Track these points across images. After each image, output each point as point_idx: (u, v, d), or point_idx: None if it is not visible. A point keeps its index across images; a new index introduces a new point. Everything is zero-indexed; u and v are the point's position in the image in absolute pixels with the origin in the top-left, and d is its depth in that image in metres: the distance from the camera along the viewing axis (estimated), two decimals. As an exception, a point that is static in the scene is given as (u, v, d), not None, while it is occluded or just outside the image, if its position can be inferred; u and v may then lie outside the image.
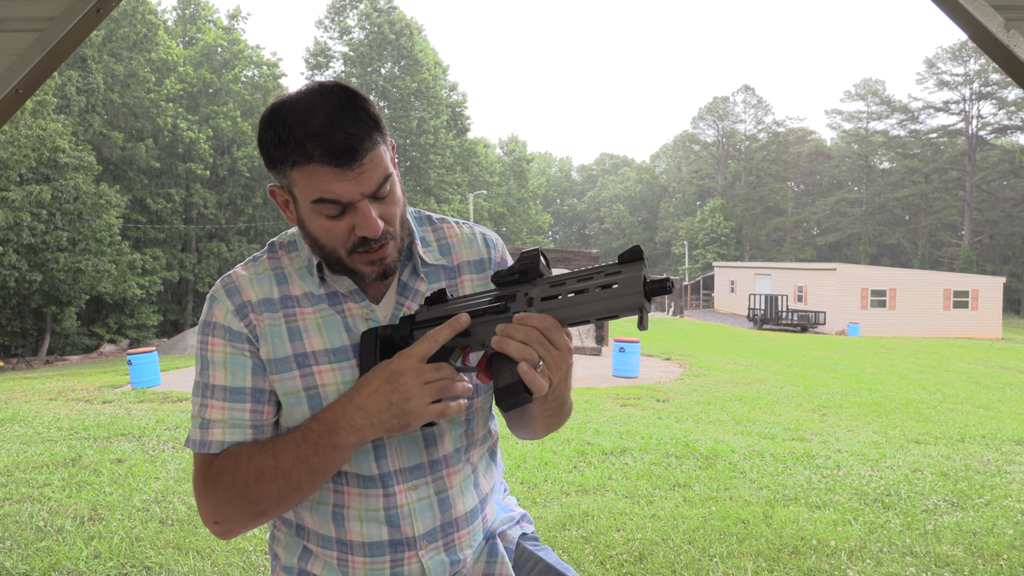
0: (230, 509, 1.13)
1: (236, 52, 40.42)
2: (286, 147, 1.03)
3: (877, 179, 66.66)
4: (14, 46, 2.24)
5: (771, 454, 6.23)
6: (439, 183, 48.50)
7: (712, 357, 16.28)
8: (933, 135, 62.73)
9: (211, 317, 1.18)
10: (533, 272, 1.07)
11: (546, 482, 5.15)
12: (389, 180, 1.09)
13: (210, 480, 1.15)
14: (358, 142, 1.02)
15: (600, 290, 0.99)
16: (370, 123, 1.05)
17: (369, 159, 1.04)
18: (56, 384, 12.31)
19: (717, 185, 72.20)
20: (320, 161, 1.02)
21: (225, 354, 1.16)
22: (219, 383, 1.16)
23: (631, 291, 0.96)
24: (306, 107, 1.03)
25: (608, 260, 46.75)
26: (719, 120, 73.45)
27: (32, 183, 26.00)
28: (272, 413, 1.18)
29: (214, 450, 1.16)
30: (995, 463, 6.16)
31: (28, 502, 4.59)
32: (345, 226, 1.08)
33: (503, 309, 1.07)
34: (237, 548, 3.76)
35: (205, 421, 1.16)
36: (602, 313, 0.99)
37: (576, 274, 1.03)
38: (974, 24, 1.98)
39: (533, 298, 1.05)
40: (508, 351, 1.01)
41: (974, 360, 19.53)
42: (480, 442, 1.30)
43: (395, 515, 1.19)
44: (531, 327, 1.01)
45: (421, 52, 48.93)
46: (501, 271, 1.08)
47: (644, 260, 0.98)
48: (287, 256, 1.23)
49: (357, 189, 1.05)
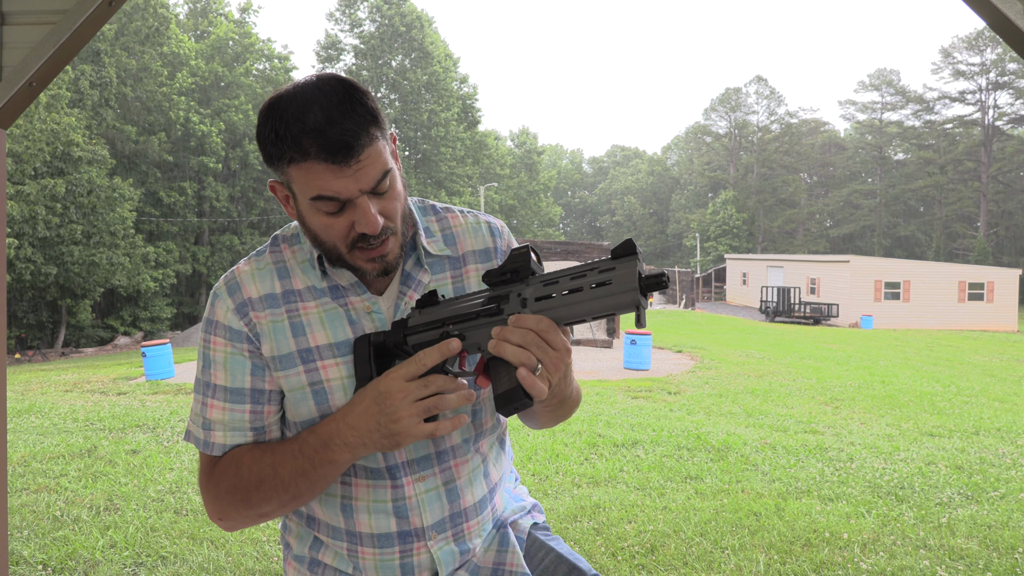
0: (233, 511, 1.15)
1: (247, 45, 40.53)
2: (283, 144, 1.01)
3: (891, 170, 66.04)
4: (27, 39, 2.25)
5: (783, 446, 6.21)
6: (450, 176, 48.49)
7: (724, 350, 16.23)
8: (948, 125, 62.02)
9: (213, 315, 1.18)
10: (524, 271, 1.04)
11: (557, 474, 5.16)
12: (388, 175, 1.06)
13: (213, 481, 1.17)
14: (355, 138, 1.00)
15: (595, 288, 0.97)
16: (368, 117, 1.02)
17: (367, 155, 1.02)
18: (71, 376, 12.44)
19: (729, 177, 71.76)
20: (317, 158, 1.00)
21: (226, 354, 1.16)
22: (220, 383, 1.17)
23: (626, 288, 0.94)
24: (303, 102, 1.01)
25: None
26: (731, 111, 72.92)
27: (46, 177, 26.22)
28: (273, 412, 1.18)
29: (216, 452, 1.17)
30: (1010, 456, 6.11)
31: (45, 492, 4.64)
32: (344, 223, 1.07)
33: (496, 311, 1.05)
34: (251, 538, 3.79)
35: (207, 421, 1.17)
36: (598, 312, 0.97)
37: (569, 271, 1.01)
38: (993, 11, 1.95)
39: (527, 299, 1.03)
40: (505, 355, 0.99)
41: (989, 353, 19.36)
42: (489, 431, 1.29)
43: (403, 506, 1.19)
44: (527, 329, 0.98)
45: (432, 44, 48.84)
46: (492, 271, 1.06)
47: (638, 254, 0.95)
48: (290, 249, 1.22)
49: (355, 186, 1.03)
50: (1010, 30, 1.96)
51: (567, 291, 1.00)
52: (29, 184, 25.22)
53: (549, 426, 1.30)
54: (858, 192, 66.30)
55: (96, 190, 27.40)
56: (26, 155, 25.12)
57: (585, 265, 1.00)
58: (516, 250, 1.06)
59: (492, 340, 1.01)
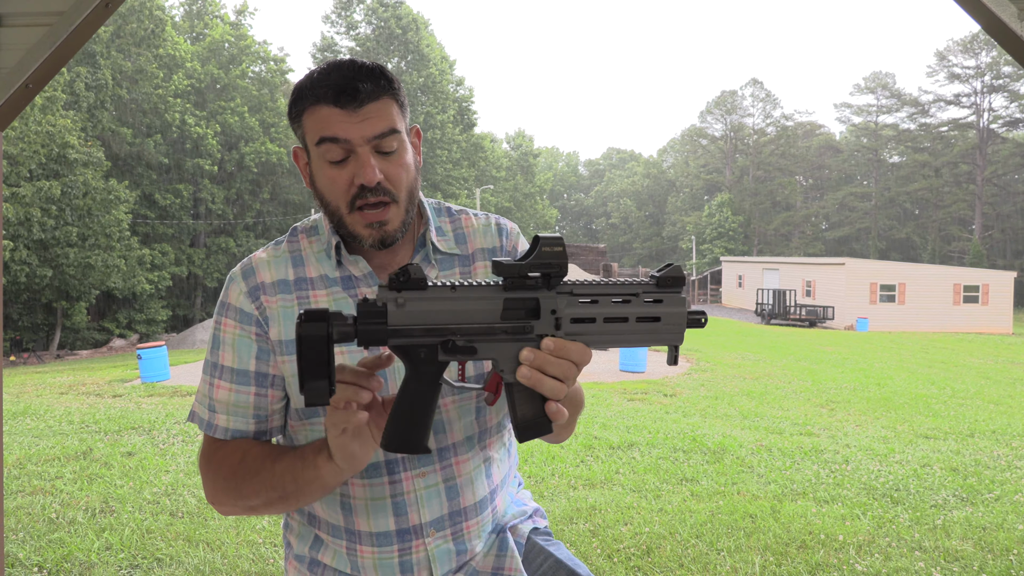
0: (225, 497, 1.17)
1: (243, 48, 40.47)
2: (303, 98, 1.11)
3: (887, 173, 66.20)
4: (23, 41, 2.25)
5: (779, 449, 6.22)
6: (446, 178, 48.48)
7: (720, 352, 16.25)
8: (944, 128, 62.21)
9: (227, 298, 1.22)
10: (558, 277, 0.89)
11: (553, 476, 5.16)
12: (396, 136, 1.12)
13: (212, 466, 1.18)
14: (363, 89, 1.08)
15: (639, 322, 0.90)
16: (383, 82, 1.10)
17: (375, 108, 1.09)
18: (67, 378, 12.40)
19: (725, 179, 71.87)
20: (325, 101, 1.08)
21: (235, 335, 1.20)
22: (227, 364, 1.20)
23: (674, 329, 0.89)
24: (328, 66, 1.11)
25: (616, 256, 46.19)
26: (727, 114, 73.06)
27: (42, 179, 26.13)
28: (277, 398, 1.20)
29: (219, 435, 1.19)
30: (1005, 458, 6.13)
31: (40, 494, 4.63)
32: (347, 176, 1.11)
33: (526, 329, 0.90)
34: (246, 540, 3.79)
35: (212, 402, 1.20)
36: (636, 344, 0.92)
37: (611, 289, 0.91)
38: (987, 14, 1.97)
39: (561, 318, 0.90)
40: (542, 390, 0.91)
41: (984, 355, 19.42)
42: (495, 430, 1.29)
43: (402, 502, 1.20)
44: (570, 363, 0.91)
45: (428, 47, 48.86)
46: (510, 264, 0.89)
47: (685, 285, 0.91)
48: (307, 239, 1.26)
49: (358, 132, 1.08)
50: (1004, 33, 1.97)
51: (608, 318, 0.91)
52: (24, 186, 25.13)
53: (560, 440, 1.25)
54: (853, 195, 66.46)
55: (91, 192, 27.31)
56: (21, 157, 25.04)
57: (627, 284, 0.92)
58: (548, 244, 0.89)
59: (524, 369, 0.90)
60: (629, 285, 0.92)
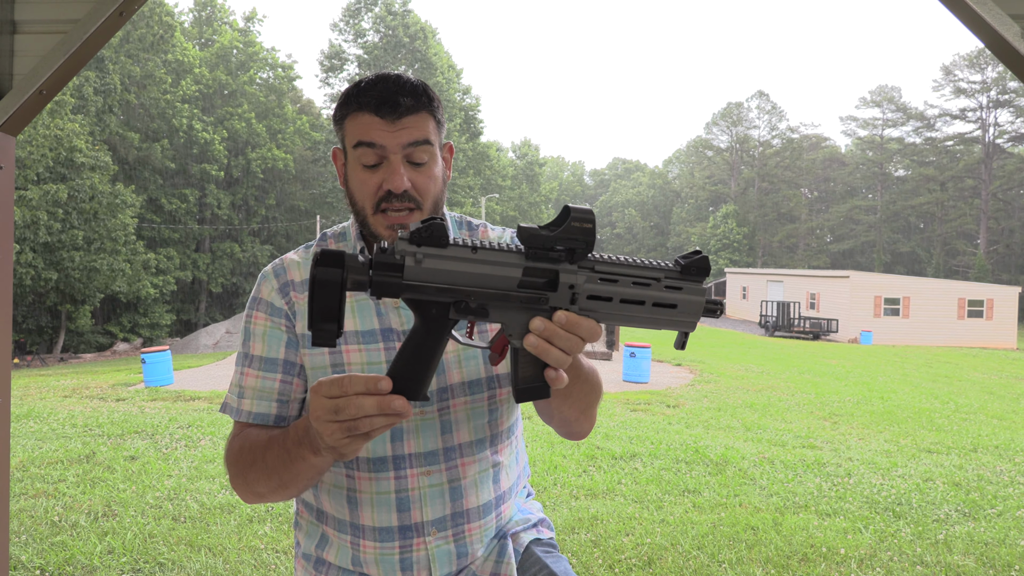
0: (237, 483, 1.22)
1: (251, 54, 40.73)
2: (347, 103, 1.19)
3: (892, 186, 66.17)
4: (38, 48, 2.28)
5: (781, 461, 6.21)
6: (451, 186, 48.41)
7: (723, 363, 16.22)
8: (949, 143, 62.18)
9: (259, 293, 1.29)
10: (583, 252, 0.88)
11: (555, 486, 5.16)
12: (428, 148, 1.18)
13: (232, 452, 1.23)
14: (404, 102, 1.16)
15: (655, 306, 0.89)
16: (423, 99, 1.18)
17: (412, 121, 1.17)
18: (70, 382, 12.43)
19: (730, 191, 71.90)
20: (367, 109, 1.17)
21: (265, 327, 1.26)
22: (257, 353, 1.26)
23: (690, 316, 0.89)
24: (375, 78, 1.19)
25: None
26: (733, 126, 73.14)
27: (49, 182, 26.29)
28: (300, 387, 1.25)
29: (243, 418, 1.24)
30: (1008, 473, 6.11)
31: (43, 497, 4.64)
32: (377, 180, 1.18)
33: (541, 300, 0.89)
34: (248, 546, 3.79)
35: (242, 389, 1.25)
36: (649, 326, 0.90)
37: (632, 270, 0.90)
38: (990, 32, 1.98)
39: (578, 293, 0.89)
40: (547, 359, 0.91)
41: (988, 370, 19.34)
42: (506, 435, 1.31)
43: (406, 498, 1.22)
44: (577, 338, 0.91)
45: (435, 55, 49.06)
46: (540, 235, 0.87)
47: (709, 275, 0.89)
48: (336, 244, 1.33)
49: (393, 139, 1.16)
50: (1008, 52, 1.98)
51: (625, 299, 0.90)
52: (31, 189, 25.28)
53: (571, 415, 1.19)
54: (858, 208, 66.41)
55: (98, 196, 27.46)
56: (29, 160, 25.21)
57: (650, 268, 0.91)
58: (578, 218, 0.87)
59: (532, 337, 0.90)
60: (652, 269, 0.91)
